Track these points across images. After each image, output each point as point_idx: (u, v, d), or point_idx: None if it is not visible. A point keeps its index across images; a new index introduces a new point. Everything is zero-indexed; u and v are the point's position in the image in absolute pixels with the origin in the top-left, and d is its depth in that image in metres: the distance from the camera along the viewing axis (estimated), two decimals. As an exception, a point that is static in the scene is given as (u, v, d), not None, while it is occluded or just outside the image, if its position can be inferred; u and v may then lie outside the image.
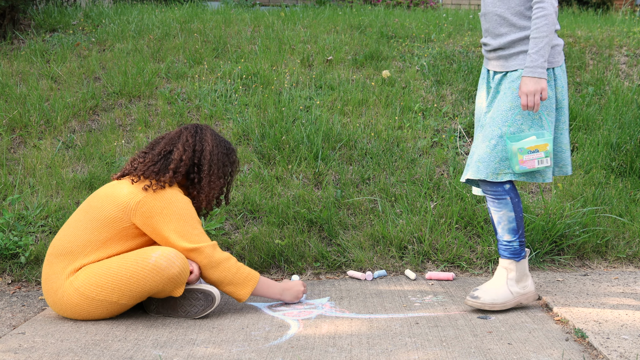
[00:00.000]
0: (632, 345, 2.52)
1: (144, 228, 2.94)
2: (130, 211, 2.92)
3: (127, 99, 4.83)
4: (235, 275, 2.95)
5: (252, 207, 3.93)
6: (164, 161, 3.04)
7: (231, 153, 3.18)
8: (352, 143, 4.42)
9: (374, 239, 3.78)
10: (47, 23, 6.07)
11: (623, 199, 4.02)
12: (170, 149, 3.08)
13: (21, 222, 3.75)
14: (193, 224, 2.96)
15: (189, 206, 2.99)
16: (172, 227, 2.91)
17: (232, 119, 4.61)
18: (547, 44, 2.84)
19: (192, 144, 3.09)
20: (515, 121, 2.89)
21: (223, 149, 3.14)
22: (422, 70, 5.33)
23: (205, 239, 2.96)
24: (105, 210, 2.93)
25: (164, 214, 2.92)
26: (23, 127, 4.49)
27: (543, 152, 2.86)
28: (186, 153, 3.06)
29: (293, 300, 3.14)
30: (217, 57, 5.46)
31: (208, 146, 3.10)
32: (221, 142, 3.15)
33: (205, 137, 3.12)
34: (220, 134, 3.20)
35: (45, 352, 2.59)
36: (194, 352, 2.57)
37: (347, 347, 2.58)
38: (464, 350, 2.52)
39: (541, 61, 2.83)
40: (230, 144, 3.21)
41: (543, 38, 2.84)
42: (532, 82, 2.83)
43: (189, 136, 3.11)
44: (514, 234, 2.99)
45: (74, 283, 2.88)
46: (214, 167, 3.10)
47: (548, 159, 2.88)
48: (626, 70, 5.50)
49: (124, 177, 3.06)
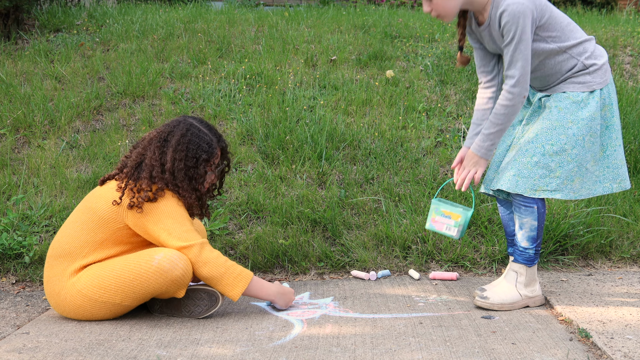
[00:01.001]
0: (636, 345, 2.52)
1: (135, 229, 2.93)
2: (122, 212, 2.92)
3: (131, 98, 4.84)
4: (225, 274, 2.89)
5: (255, 207, 3.93)
6: (137, 174, 2.97)
7: (200, 164, 3.00)
8: (356, 143, 4.42)
9: (377, 238, 3.78)
10: (51, 23, 6.08)
11: (627, 199, 4.01)
12: (140, 161, 3.00)
13: (25, 222, 3.76)
14: (181, 221, 2.92)
15: (177, 206, 2.95)
16: (162, 226, 2.89)
17: (236, 119, 4.61)
18: (499, 131, 2.92)
19: (158, 158, 2.98)
20: (559, 140, 2.91)
21: (189, 162, 2.97)
22: (426, 70, 5.33)
23: (194, 236, 2.91)
24: (100, 211, 2.93)
25: (153, 213, 2.90)
26: (27, 127, 4.50)
27: (453, 221, 3.12)
28: (154, 169, 2.96)
29: (283, 306, 3.07)
30: (221, 57, 5.46)
31: (169, 163, 2.96)
32: (189, 153, 2.97)
33: (168, 151, 2.98)
34: (200, 135, 3.02)
35: (49, 352, 2.60)
36: (198, 351, 2.57)
37: (351, 347, 2.58)
38: (467, 350, 2.52)
39: (488, 144, 2.94)
40: (204, 150, 3.01)
41: (498, 125, 2.92)
42: (475, 158, 2.97)
43: (157, 148, 2.98)
44: (532, 242, 3.01)
45: (77, 285, 2.88)
46: (180, 184, 2.97)
47: (456, 229, 3.11)
48: (630, 70, 5.49)
49: (109, 180, 3.04)
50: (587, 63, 2.94)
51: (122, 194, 2.93)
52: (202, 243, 2.90)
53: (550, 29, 2.90)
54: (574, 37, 2.94)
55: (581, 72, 2.94)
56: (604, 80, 2.95)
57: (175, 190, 2.97)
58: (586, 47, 2.95)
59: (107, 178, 3.06)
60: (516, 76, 2.85)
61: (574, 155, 2.91)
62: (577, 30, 2.97)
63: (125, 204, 2.91)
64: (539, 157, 2.92)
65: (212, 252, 2.91)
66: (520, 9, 2.80)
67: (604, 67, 2.97)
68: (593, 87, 2.93)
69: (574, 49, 2.93)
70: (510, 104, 2.88)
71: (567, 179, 2.93)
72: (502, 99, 2.90)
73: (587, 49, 2.95)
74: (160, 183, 2.94)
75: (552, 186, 2.92)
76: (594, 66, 2.94)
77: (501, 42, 2.91)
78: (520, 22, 2.81)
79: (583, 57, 2.94)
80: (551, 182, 2.92)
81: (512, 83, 2.86)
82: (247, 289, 2.95)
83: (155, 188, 2.93)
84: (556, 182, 2.92)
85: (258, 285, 3.00)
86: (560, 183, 2.92)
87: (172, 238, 2.88)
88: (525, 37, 2.82)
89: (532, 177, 2.92)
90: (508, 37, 2.84)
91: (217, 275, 2.89)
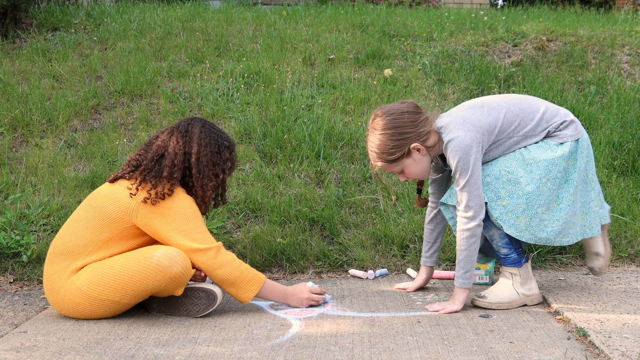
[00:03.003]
0: (634, 343, 2.52)
1: (145, 229, 2.93)
2: (132, 212, 2.91)
3: (129, 97, 4.83)
4: (239, 278, 2.92)
5: (254, 205, 3.93)
6: (158, 167, 2.97)
7: (223, 150, 3.06)
8: (354, 142, 4.42)
9: (375, 237, 3.78)
10: (49, 22, 6.07)
11: (625, 198, 4.01)
12: (162, 153, 3.00)
13: (23, 221, 3.76)
14: (197, 223, 2.93)
15: (192, 205, 2.96)
16: (175, 226, 2.89)
17: (234, 118, 4.61)
18: (466, 256, 2.93)
19: (182, 146, 3.00)
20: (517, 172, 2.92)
21: (213, 148, 3.03)
22: (424, 69, 5.33)
23: (209, 239, 2.92)
24: (107, 211, 2.92)
25: (166, 215, 2.90)
26: (25, 126, 4.49)
27: (483, 271, 3.42)
28: (177, 157, 2.98)
29: (298, 305, 3.08)
30: (219, 55, 5.46)
31: (195, 147, 3.00)
32: (212, 140, 3.03)
33: (193, 137, 3.02)
34: (215, 128, 3.09)
35: (47, 351, 2.59)
36: (196, 350, 2.57)
37: (349, 346, 2.58)
38: (465, 349, 2.52)
39: (461, 272, 2.95)
40: (224, 139, 3.08)
41: (462, 251, 2.94)
42: (464, 294, 2.99)
43: (179, 137, 3.01)
44: (509, 247, 3.02)
45: (76, 282, 2.88)
46: (204, 169, 3.00)
47: (487, 276, 3.42)
48: (628, 69, 5.49)
49: (121, 179, 3.01)
50: (555, 124, 2.96)
51: (136, 188, 2.92)
52: (219, 246, 2.92)
53: (506, 129, 2.92)
54: (531, 118, 2.95)
55: (553, 132, 2.98)
56: (575, 134, 2.97)
57: (197, 177, 2.98)
58: (546, 116, 2.97)
59: (119, 176, 3.03)
60: (472, 207, 2.87)
61: (526, 192, 2.89)
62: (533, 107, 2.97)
63: (139, 199, 2.91)
64: (491, 179, 2.92)
65: (228, 255, 2.93)
66: (464, 143, 2.85)
67: (573, 123, 2.99)
68: (563, 139, 2.96)
69: (538, 127, 2.95)
70: (470, 235, 2.91)
71: (511, 213, 2.90)
72: (460, 226, 2.92)
73: (548, 119, 2.97)
74: (177, 173, 2.95)
75: (496, 212, 2.91)
76: (563, 123, 2.97)
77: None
78: (465, 157, 2.84)
79: (550, 125, 2.97)
80: (496, 208, 2.91)
81: (469, 216, 2.88)
82: (259, 292, 2.98)
83: (169, 185, 2.93)
84: (500, 211, 2.91)
85: (270, 289, 3.02)
86: (504, 213, 2.91)
87: (186, 239, 2.89)
88: (475, 168, 2.85)
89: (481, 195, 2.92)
90: (456, 172, 2.88)
91: (229, 281, 2.92)
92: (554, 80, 5.19)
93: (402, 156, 2.92)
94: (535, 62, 5.51)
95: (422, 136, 2.91)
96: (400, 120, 2.90)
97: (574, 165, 2.97)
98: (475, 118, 2.90)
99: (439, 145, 2.96)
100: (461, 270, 2.95)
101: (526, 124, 2.95)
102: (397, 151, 2.91)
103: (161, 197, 2.90)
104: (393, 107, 2.95)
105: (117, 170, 3.90)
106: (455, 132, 2.86)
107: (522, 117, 2.95)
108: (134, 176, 2.98)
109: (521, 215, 2.90)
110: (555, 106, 3.04)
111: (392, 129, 2.90)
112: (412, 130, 2.90)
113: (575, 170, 2.97)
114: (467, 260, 2.93)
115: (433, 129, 2.95)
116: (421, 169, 2.98)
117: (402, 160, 2.94)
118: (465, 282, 2.95)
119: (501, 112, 2.93)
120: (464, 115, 2.91)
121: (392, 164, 2.95)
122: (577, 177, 2.97)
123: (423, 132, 2.91)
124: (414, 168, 2.97)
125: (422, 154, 2.94)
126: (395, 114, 2.91)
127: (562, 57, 5.55)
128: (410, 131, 2.89)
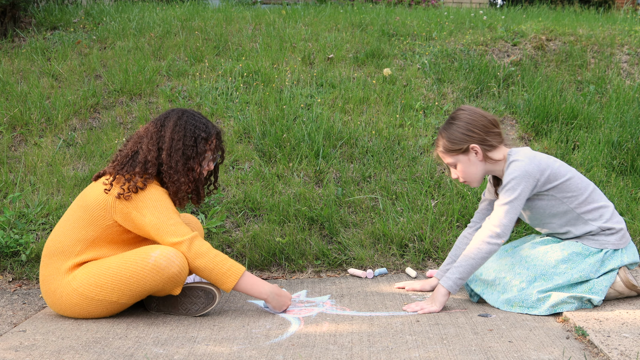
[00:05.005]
0: (632, 343, 2.52)
1: (125, 225, 2.92)
2: (110, 208, 2.90)
3: (128, 96, 4.83)
4: (214, 269, 2.87)
5: (253, 205, 3.93)
6: (132, 162, 2.96)
7: (199, 142, 2.99)
8: (353, 141, 4.42)
9: (374, 237, 3.78)
10: (48, 21, 6.07)
11: (624, 198, 4.01)
12: (136, 149, 2.99)
13: (22, 220, 3.75)
14: (168, 215, 2.89)
15: (162, 197, 2.92)
16: (148, 220, 2.87)
17: (233, 117, 4.61)
18: (470, 265, 2.95)
19: (155, 142, 2.97)
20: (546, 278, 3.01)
21: (188, 141, 2.97)
22: (423, 69, 5.33)
23: (182, 230, 2.88)
24: (90, 209, 2.92)
25: (139, 208, 2.88)
26: (24, 125, 4.49)
27: None
28: (150, 154, 2.95)
29: (277, 308, 3.00)
30: (218, 55, 5.46)
31: (167, 143, 2.96)
32: (187, 133, 2.97)
33: (166, 132, 2.97)
34: (194, 119, 3.02)
35: (46, 350, 2.59)
36: (195, 349, 2.57)
37: (348, 345, 2.58)
38: (464, 348, 2.52)
39: (456, 277, 2.96)
40: (202, 130, 3.00)
41: (469, 259, 2.96)
42: (446, 297, 3.01)
43: (154, 133, 2.98)
44: None
45: (73, 283, 2.87)
46: (175, 165, 2.96)
47: None
48: (627, 68, 5.49)
49: (103, 175, 3.02)
50: (603, 226, 3.00)
51: (110, 184, 2.91)
52: (192, 237, 2.88)
53: (566, 190, 2.98)
54: (591, 200, 3.01)
55: (598, 234, 3.01)
56: (620, 244, 3.01)
57: (167, 172, 2.94)
58: (602, 212, 3.01)
59: (101, 174, 3.04)
60: (504, 225, 2.93)
61: (521, 289, 2.98)
62: (597, 196, 3.05)
63: (113, 194, 2.89)
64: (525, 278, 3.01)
65: (202, 246, 2.89)
66: (524, 168, 2.94)
67: (621, 232, 3.02)
68: (606, 245, 2.99)
69: (589, 214, 3.00)
70: (488, 250, 2.94)
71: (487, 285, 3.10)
72: (484, 238, 2.94)
73: (603, 215, 3.01)
74: (152, 169, 2.93)
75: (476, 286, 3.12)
76: (610, 230, 3.00)
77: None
78: (520, 179, 2.93)
79: (600, 222, 3.00)
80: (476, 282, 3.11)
81: (497, 232, 2.93)
82: (239, 284, 2.91)
83: (144, 178, 2.91)
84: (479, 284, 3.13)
85: (250, 281, 2.94)
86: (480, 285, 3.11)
87: (161, 233, 2.86)
88: (521, 194, 2.93)
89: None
90: (505, 187, 2.95)
91: (207, 270, 2.87)
92: (553, 80, 5.19)
93: (460, 151, 3.03)
94: (534, 61, 5.51)
95: (486, 144, 3.01)
96: (474, 120, 3.02)
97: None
98: (545, 157, 3.03)
99: (500, 166, 3.05)
100: (456, 275, 2.95)
101: (581, 201, 3.00)
102: (458, 143, 3.02)
103: (134, 191, 2.88)
104: (477, 109, 3.10)
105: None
106: (521, 158, 2.98)
107: (581, 192, 3.01)
108: (108, 171, 2.99)
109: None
110: (612, 211, 3.07)
111: (464, 123, 3.02)
112: (480, 134, 3.01)
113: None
114: (468, 268, 2.95)
115: (501, 149, 3.05)
116: (473, 172, 3.06)
117: (458, 154, 3.04)
118: (453, 286, 2.96)
119: (570, 172, 3.03)
120: (536, 154, 3.03)
121: (449, 154, 3.06)
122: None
123: (488, 141, 3.02)
124: (466, 168, 3.05)
125: (478, 158, 3.03)
126: (475, 114, 3.04)
127: (561, 56, 5.55)
128: (478, 133, 3.01)
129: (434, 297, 3.01)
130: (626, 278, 2.98)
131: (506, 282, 2.99)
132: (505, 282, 3.00)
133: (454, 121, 3.05)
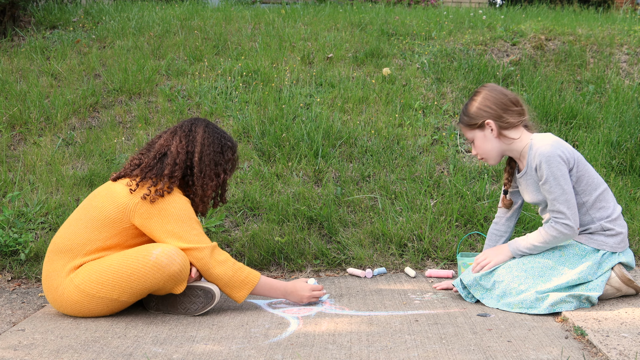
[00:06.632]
0: (631, 343, 2.52)
1: (142, 228, 2.93)
2: (130, 212, 2.91)
3: (127, 96, 4.83)
4: (232, 278, 2.93)
5: (252, 204, 3.93)
6: (160, 165, 2.99)
7: (226, 151, 3.09)
8: (353, 140, 4.42)
9: (373, 236, 3.78)
10: (47, 20, 6.06)
11: (623, 197, 4.01)
12: (164, 152, 3.02)
13: (21, 219, 3.75)
14: (192, 225, 2.94)
15: (187, 207, 2.96)
16: (169, 228, 2.90)
17: (232, 116, 4.61)
18: (543, 242, 2.99)
19: (185, 145, 3.02)
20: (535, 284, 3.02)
21: (216, 148, 3.06)
22: (422, 68, 5.33)
23: (204, 239, 2.94)
24: (106, 211, 2.92)
25: (162, 215, 2.90)
26: (23, 124, 4.49)
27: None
28: (179, 156, 3.00)
29: (298, 302, 3.09)
30: (217, 54, 5.45)
31: (198, 147, 3.02)
32: (215, 140, 3.06)
33: (197, 137, 3.04)
34: (218, 128, 3.11)
35: (44, 349, 2.59)
36: (194, 349, 2.57)
37: (347, 344, 2.58)
38: (463, 348, 2.52)
39: (525, 245, 3.03)
40: (227, 140, 3.11)
41: (542, 243, 2.99)
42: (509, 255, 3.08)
43: (183, 137, 3.04)
44: None
45: (74, 280, 2.87)
46: (205, 169, 3.02)
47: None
48: (627, 68, 5.50)
49: (124, 177, 3.02)
50: (605, 226, 3.00)
51: (138, 184, 2.93)
52: (214, 246, 2.93)
53: (583, 183, 2.99)
54: (602, 198, 3.02)
55: (596, 233, 3.01)
56: (618, 247, 3.01)
57: (197, 176, 2.99)
58: (610, 212, 3.02)
59: (121, 175, 3.04)
60: (564, 212, 2.93)
61: (520, 291, 2.99)
62: (609, 195, 3.06)
63: (139, 195, 2.91)
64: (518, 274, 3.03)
65: (222, 255, 2.94)
66: (548, 150, 2.92)
67: (621, 236, 3.02)
68: (603, 247, 2.99)
69: (597, 212, 3.00)
70: (558, 235, 2.96)
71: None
72: (550, 230, 2.96)
73: (609, 215, 3.02)
74: (179, 172, 2.96)
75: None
76: (611, 231, 3.00)
77: (539, 188, 3.01)
78: (552, 161, 2.91)
79: (603, 220, 3.01)
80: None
81: (562, 221, 2.93)
82: (255, 290, 2.99)
83: (169, 183, 2.95)
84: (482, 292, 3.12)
85: (267, 286, 3.02)
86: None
87: (179, 241, 2.89)
88: (562, 173, 2.91)
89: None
90: (544, 176, 2.93)
91: (224, 281, 2.93)
92: (552, 79, 5.19)
93: (475, 126, 3.06)
94: (533, 61, 5.51)
95: (502, 120, 3.02)
96: (493, 97, 3.05)
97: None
98: (566, 144, 3.03)
99: (517, 146, 3.05)
100: (526, 244, 3.01)
101: (590, 197, 3.01)
102: (474, 118, 3.06)
103: (160, 195, 2.90)
104: (499, 87, 3.13)
105: (118, 169, 3.91)
106: (549, 142, 2.97)
107: (594, 188, 3.01)
108: (134, 174, 2.99)
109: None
110: (618, 214, 3.07)
111: (481, 98, 3.06)
112: (496, 110, 3.02)
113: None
114: (539, 245, 2.99)
115: (520, 129, 3.05)
116: (488, 148, 3.08)
117: (474, 130, 3.08)
118: (516, 251, 3.03)
119: (589, 166, 3.04)
120: (561, 140, 3.03)
121: (467, 128, 3.10)
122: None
123: (505, 119, 3.02)
124: (482, 143, 3.08)
125: (493, 134, 3.05)
126: (494, 91, 3.07)
127: (560, 56, 5.56)
128: (495, 109, 3.03)
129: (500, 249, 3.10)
130: (621, 273, 2.98)
131: (505, 286, 2.99)
132: (503, 285, 3.00)
133: (474, 97, 3.10)
